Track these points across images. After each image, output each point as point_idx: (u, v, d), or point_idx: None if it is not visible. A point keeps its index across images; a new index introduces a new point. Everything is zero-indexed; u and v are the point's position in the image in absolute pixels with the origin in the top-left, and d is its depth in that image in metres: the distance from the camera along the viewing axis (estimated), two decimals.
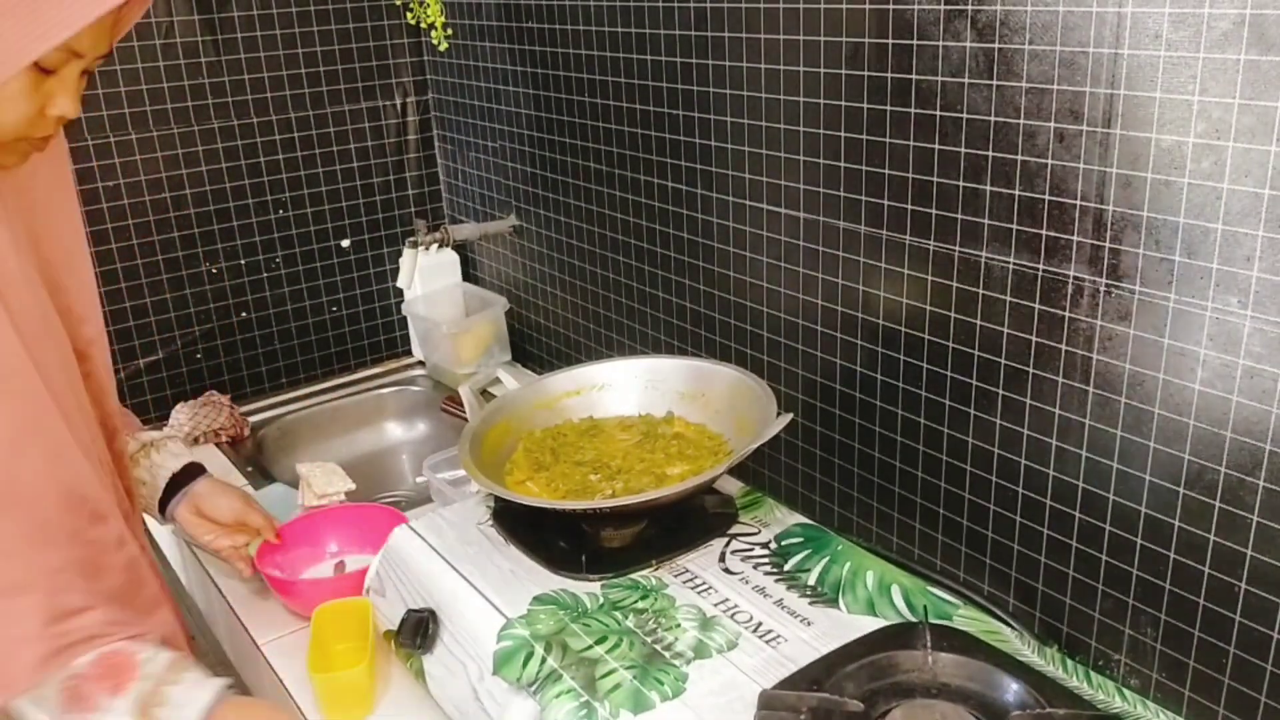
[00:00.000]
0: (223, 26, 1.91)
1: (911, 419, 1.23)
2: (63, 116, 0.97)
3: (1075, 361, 1.04)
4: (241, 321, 2.06)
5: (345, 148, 2.08)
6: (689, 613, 1.12)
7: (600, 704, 0.99)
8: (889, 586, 1.15)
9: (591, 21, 1.58)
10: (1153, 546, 1.01)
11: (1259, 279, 0.88)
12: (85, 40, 0.93)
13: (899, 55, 1.12)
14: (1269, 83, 0.83)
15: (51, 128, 0.98)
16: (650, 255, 1.61)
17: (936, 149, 1.11)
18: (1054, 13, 0.97)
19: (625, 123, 1.57)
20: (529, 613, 1.12)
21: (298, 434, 2.02)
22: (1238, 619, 0.96)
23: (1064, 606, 1.12)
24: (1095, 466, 1.05)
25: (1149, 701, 1.04)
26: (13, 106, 0.92)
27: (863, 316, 1.26)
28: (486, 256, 2.12)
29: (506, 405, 1.42)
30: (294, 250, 2.08)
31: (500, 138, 1.93)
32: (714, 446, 1.31)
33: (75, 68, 0.95)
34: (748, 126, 1.35)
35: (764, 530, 1.27)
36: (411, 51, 2.10)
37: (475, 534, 1.28)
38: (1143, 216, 0.95)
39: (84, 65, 0.96)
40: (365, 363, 2.22)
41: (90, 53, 0.96)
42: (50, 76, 0.94)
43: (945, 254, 1.14)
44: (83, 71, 0.97)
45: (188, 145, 1.92)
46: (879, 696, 0.98)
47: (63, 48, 0.91)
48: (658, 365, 1.44)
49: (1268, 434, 0.90)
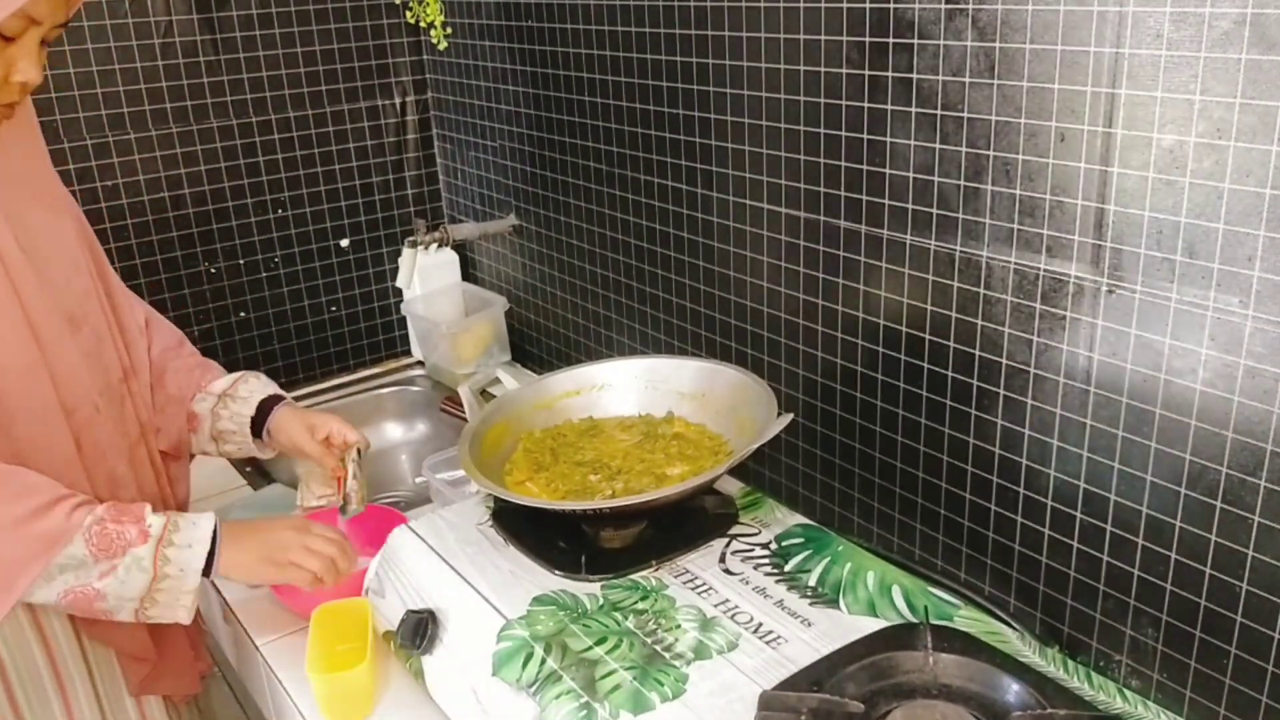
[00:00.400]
0: (222, 26, 1.91)
1: (912, 419, 1.23)
2: (26, 83, 1.04)
3: (1076, 361, 1.04)
4: (240, 321, 2.06)
5: (345, 147, 2.08)
6: (689, 613, 1.12)
7: (600, 705, 0.98)
8: (890, 587, 1.15)
9: (591, 21, 1.57)
10: (1154, 547, 1.01)
11: (1260, 279, 0.87)
12: (42, 7, 1.01)
13: (900, 54, 1.12)
14: (1270, 82, 0.83)
15: (16, 94, 1.05)
16: (650, 255, 1.60)
17: (937, 148, 1.11)
18: (1055, 12, 0.97)
19: (625, 122, 1.57)
20: (529, 613, 1.12)
21: None
22: (1239, 619, 0.96)
23: (1065, 607, 1.12)
24: (1096, 467, 1.05)
25: (1150, 702, 1.04)
26: None
27: (863, 316, 1.26)
28: (486, 256, 2.12)
29: (506, 405, 1.41)
30: (293, 250, 2.08)
31: (500, 137, 1.93)
32: (714, 447, 1.31)
33: (34, 35, 1.02)
34: (748, 126, 1.35)
35: (764, 531, 1.27)
36: (411, 51, 2.10)
37: (475, 534, 1.27)
38: (1144, 216, 0.94)
39: (42, 33, 1.03)
40: (364, 363, 2.22)
41: (48, 20, 1.03)
42: (11, 44, 1.01)
43: (946, 253, 1.14)
44: (43, 40, 1.04)
45: (187, 145, 1.92)
46: (879, 697, 0.97)
47: (20, 15, 0.99)
48: (658, 365, 1.44)
49: (1269, 434, 0.90)
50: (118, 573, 1.09)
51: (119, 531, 1.09)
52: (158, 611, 1.13)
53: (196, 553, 1.13)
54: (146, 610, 1.12)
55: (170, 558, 1.11)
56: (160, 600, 1.12)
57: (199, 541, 1.14)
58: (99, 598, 1.09)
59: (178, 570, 1.12)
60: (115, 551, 1.09)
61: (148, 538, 1.10)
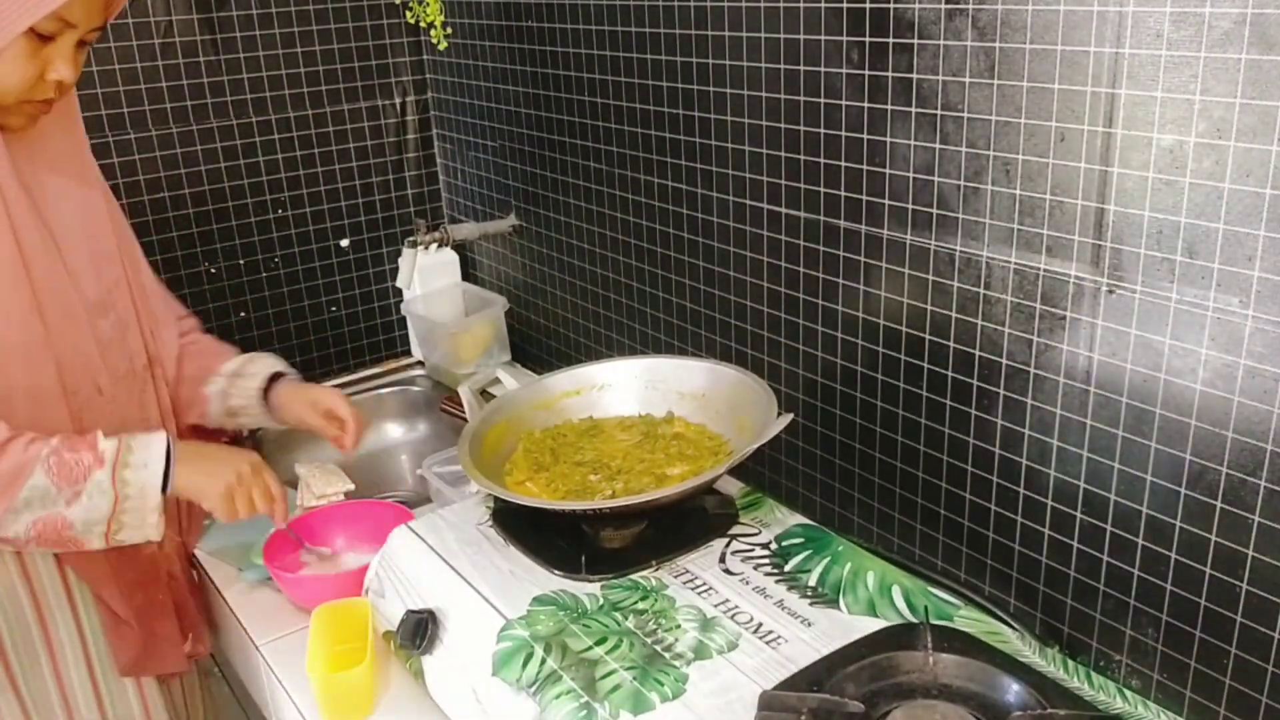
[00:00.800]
0: (222, 26, 1.91)
1: (912, 419, 1.23)
2: (61, 81, 1.09)
3: (1076, 361, 1.04)
4: (241, 321, 2.06)
5: (345, 147, 2.08)
6: (689, 613, 1.12)
7: (600, 705, 0.98)
8: (890, 587, 1.15)
9: (591, 21, 1.57)
10: (1154, 547, 1.01)
11: (1260, 279, 0.87)
12: (78, 11, 1.06)
13: (900, 54, 1.12)
14: (1270, 82, 0.83)
15: (51, 91, 1.10)
16: (650, 255, 1.60)
17: (937, 148, 1.11)
18: (1055, 12, 0.97)
19: (625, 122, 1.57)
20: (529, 613, 1.12)
21: (297, 434, 2.00)
22: (1239, 619, 0.96)
23: (1065, 607, 1.12)
24: (1096, 467, 1.05)
25: (1150, 702, 1.04)
26: (14, 69, 1.05)
27: (863, 316, 1.26)
28: (486, 256, 2.12)
29: (506, 405, 1.41)
30: (293, 250, 2.08)
31: (500, 137, 1.93)
32: (714, 447, 1.31)
33: (70, 37, 1.08)
34: (748, 126, 1.35)
35: (764, 531, 1.27)
36: (411, 51, 2.10)
37: (475, 535, 1.27)
38: (1144, 216, 0.94)
39: (79, 35, 1.09)
40: (365, 363, 2.22)
41: (84, 24, 1.08)
42: (48, 44, 1.07)
43: (946, 253, 1.13)
44: (79, 42, 1.09)
45: (187, 145, 1.92)
46: (879, 697, 0.97)
47: (55, 17, 1.04)
48: (658, 365, 1.44)
49: (1269, 434, 0.90)
50: (82, 499, 1.12)
51: (75, 460, 1.12)
52: (126, 534, 1.17)
53: (153, 470, 1.17)
54: (115, 534, 1.16)
55: (128, 479, 1.15)
56: (127, 522, 1.16)
57: (154, 460, 1.17)
58: (66, 526, 1.13)
59: (138, 491, 1.16)
60: (76, 478, 1.12)
61: (104, 463, 1.14)
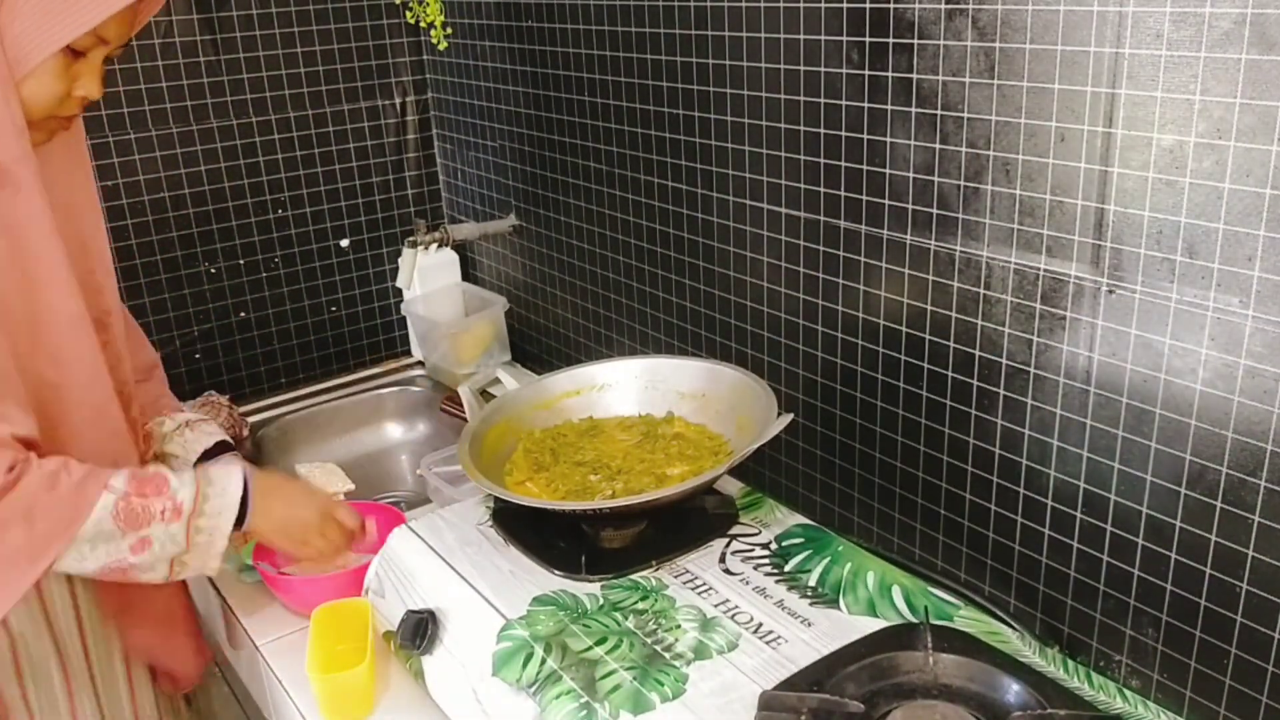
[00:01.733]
0: (222, 26, 1.91)
1: (912, 419, 1.23)
2: (86, 97, 1.10)
3: (1076, 361, 1.04)
4: (240, 321, 2.06)
5: (345, 147, 2.08)
6: (689, 614, 1.12)
7: (600, 705, 0.98)
8: (890, 587, 1.15)
9: (591, 21, 1.57)
10: (1154, 547, 1.01)
11: (1260, 278, 0.87)
12: (111, 28, 1.07)
13: (900, 54, 1.12)
14: (1270, 82, 0.83)
15: (76, 107, 1.12)
16: (650, 255, 1.60)
17: (937, 148, 1.11)
18: (1055, 12, 0.97)
19: (625, 122, 1.57)
20: (528, 614, 1.12)
21: (297, 434, 2.02)
22: (1239, 620, 0.96)
23: (1065, 607, 1.12)
24: (1096, 467, 1.05)
25: (1150, 702, 1.04)
26: (47, 85, 1.06)
27: (863, 316, 1.26)
28: (486, 256, 2.12)
29: (506, 405, 1.41)
30: (293, 250, 2.08)
31: (500, 137, 1.93)
32: (714, 447, 1.31)
33: (100, 53, 1.09)
34: (748, 126, 1.35)
35: (764, 531, 1.27)
36: (411, 51, 2.10)
37: (474, 535, 1.27)
38: (1144, 216, 0.94)
39: (108, 51, 1.10)
40: (365, 363, 2.22)
41: (115, 40, 1.10)
42: (79, 60, 1.08)
43: (946, 253, 1.14)
44: (105, 57, 1.10)
45: (187, 145, 1.92)
46: (880, 697, 0.97)
47: (92, 33, 1.05)
48: (658, 365, 1.44)
49: (1269, 434, 0.90)
50: (153, 548, 1.13)
51: (143, 506, 1.12)
52: (188, 571, 1.18)
53: (226, 519, 1.18)
54: (178, 572, 1.17)
55: (201, 527, 1.16)
56: (190, 563, 1.17)
57: (228, 509, 1.18)
58: (131, 567, 1.14)
59: (207, 537, 1.17)
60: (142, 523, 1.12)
61: (181, 514, 1.14)
